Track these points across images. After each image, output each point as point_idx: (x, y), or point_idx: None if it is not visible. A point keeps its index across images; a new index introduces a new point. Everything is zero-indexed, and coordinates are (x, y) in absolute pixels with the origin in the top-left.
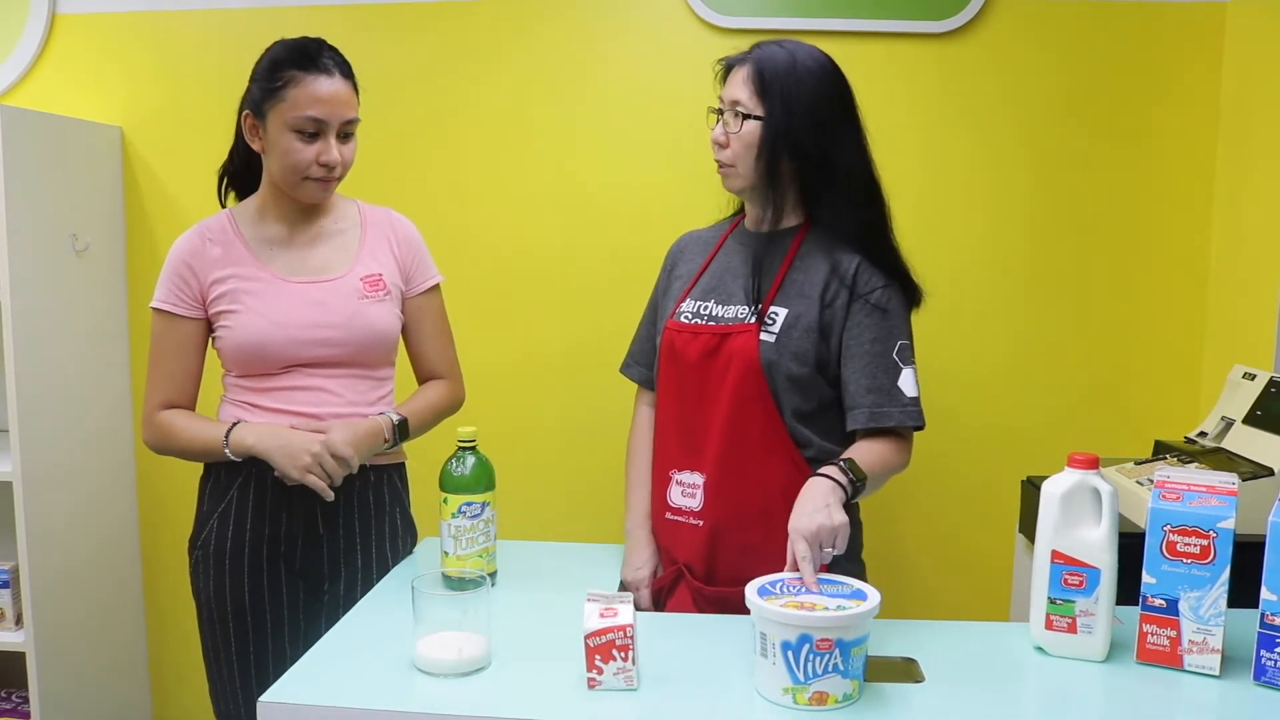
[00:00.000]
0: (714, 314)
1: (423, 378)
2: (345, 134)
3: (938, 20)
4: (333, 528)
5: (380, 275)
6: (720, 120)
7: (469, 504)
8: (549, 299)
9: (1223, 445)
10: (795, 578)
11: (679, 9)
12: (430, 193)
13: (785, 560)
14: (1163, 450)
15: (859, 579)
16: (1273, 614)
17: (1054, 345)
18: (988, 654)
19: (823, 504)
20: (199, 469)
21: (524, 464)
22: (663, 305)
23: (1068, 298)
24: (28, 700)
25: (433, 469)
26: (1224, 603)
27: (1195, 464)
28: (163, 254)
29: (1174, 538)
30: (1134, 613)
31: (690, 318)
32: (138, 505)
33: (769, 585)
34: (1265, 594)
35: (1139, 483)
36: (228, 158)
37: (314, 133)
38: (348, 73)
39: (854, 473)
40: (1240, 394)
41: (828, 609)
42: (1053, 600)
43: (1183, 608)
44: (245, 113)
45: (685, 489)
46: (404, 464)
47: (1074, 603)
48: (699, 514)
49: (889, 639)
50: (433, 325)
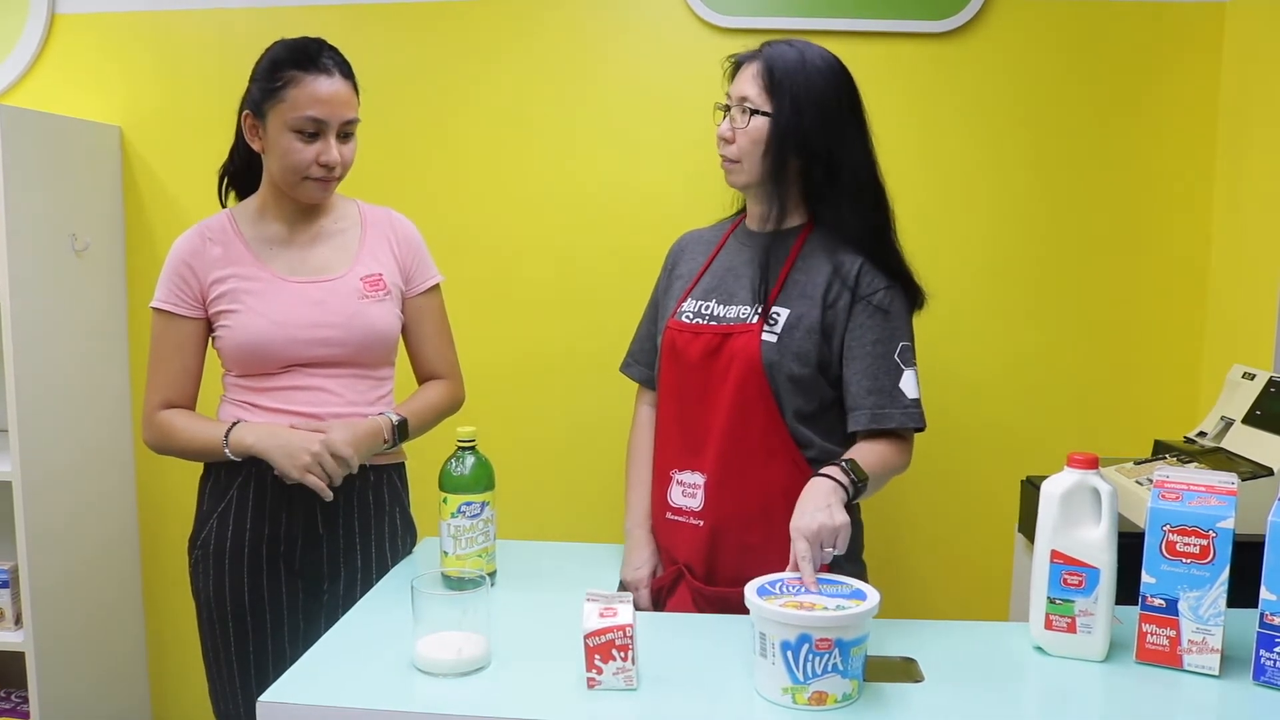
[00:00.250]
0: (716, 314)
1: (422, 378)
2: (345, 134)
3: (937, 20)
4: (332, 528)
5: (380, 275)
6: (727, 116)
7: (468, 504)
8: (549, 299)
9: (1222, 445)
10: (795, 577)
11: (678, 9)
12: (430, 193)
13: (786, 560)
14: (1162, 450)
15: (860, 579)
16: (1272, 614)
17: (1053, 345)
18: (987, 654)
19: (824, 504)
20: (199, 469)
21: (523, 464)
22: (663, 305)
23: (1067, 298)
24: (27, 700)
25: (432, 469)
26: (1223, 602)
27: (1195, 464)
28: (162, 254)
29: (1173, 537)
30: (1133, 612)
31: (692, 317)
32: (137, 505)
33: (768, 585)
34: (1264, 594)
35: (1138, 482)
36: (228, 158)
37: (314, 133)
38: (348, 73)
39: (856, 473)
40: (1239, 394)
41: (827, 609)
42: (1052, 600)
43: (1182, 607)
44: (245, 113)
45: (686, 489)
46: (404, 464)
47: (1073, 602)
48: (699, 514)
49: (889, 639)
50: (432, 325)
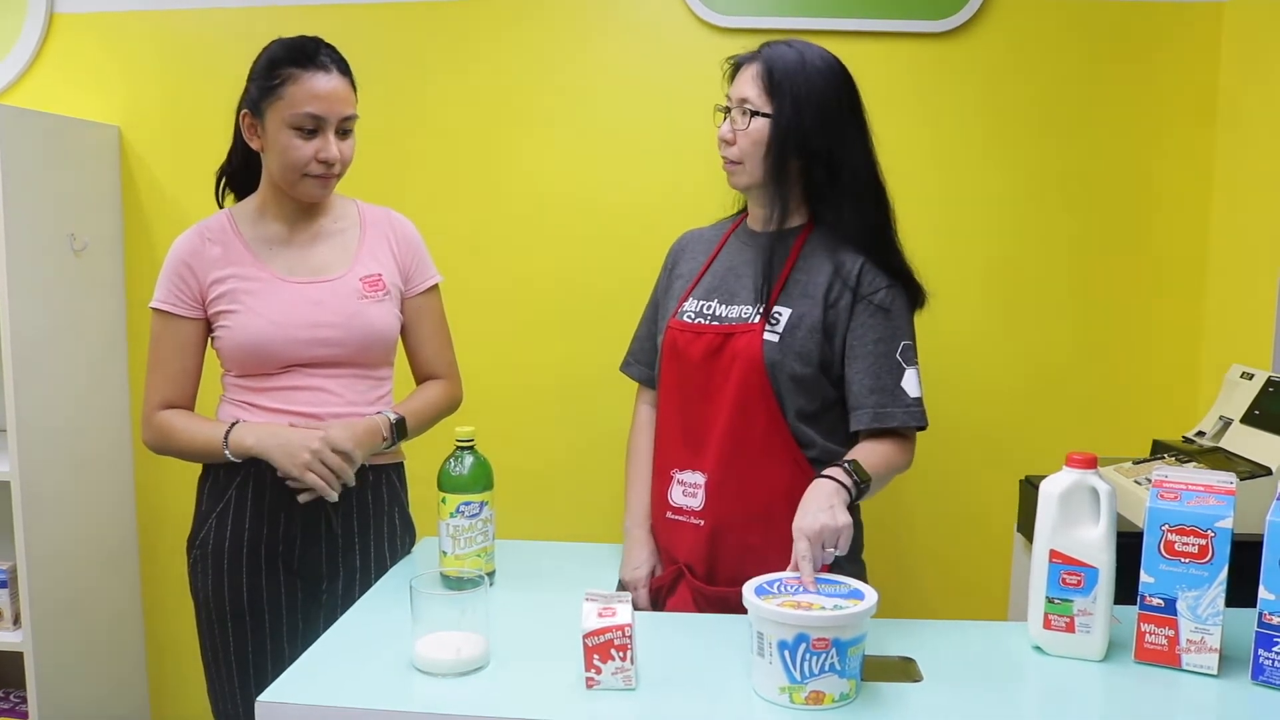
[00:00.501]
0: (717, 313)
1: (421, 378)
2: (344, 131)
3: (936, 20)
4: (331, 527)
5: (380, 275)
6: (728, 118)
7: (467, 503)
8: (547, 299)
9: (1221, 445)
10: (794, 577)
11: (677, 8)
12: (429, 193)
13: (787, 560)
14: (1161, 450)
15: (860, 579)
16: (1270, 613)
17: (1052, 345)
18: (986, 653)
19: (826, 505)
20: (197, 469)
21: (522, 463)
22: (664, 304)
23: (1065, 297)
24: (25, 700)
25: (431, 468)
26: (1222, 602)
27: (1193, 463)
28: (161, 253)
29: (1172, 537)
30: (1132, 612)
31: (693, 317)
32: (136, 505)
33: (766, 585)
34: (1263, 593)
35: (1137, 482)
36: (226, 158)
37: (312, 130)
38: (345, 70)
39: (858, 474)
40: (1238, 393)
41: (824, 609)
42: (1051, 600)
43: (1181, 607)
44: (243, 111)
45: (686, 488)
46: (402, 464)
47: (1072, 602)
48: (700, 513)
49: (887, 638)
50: (431, 325)
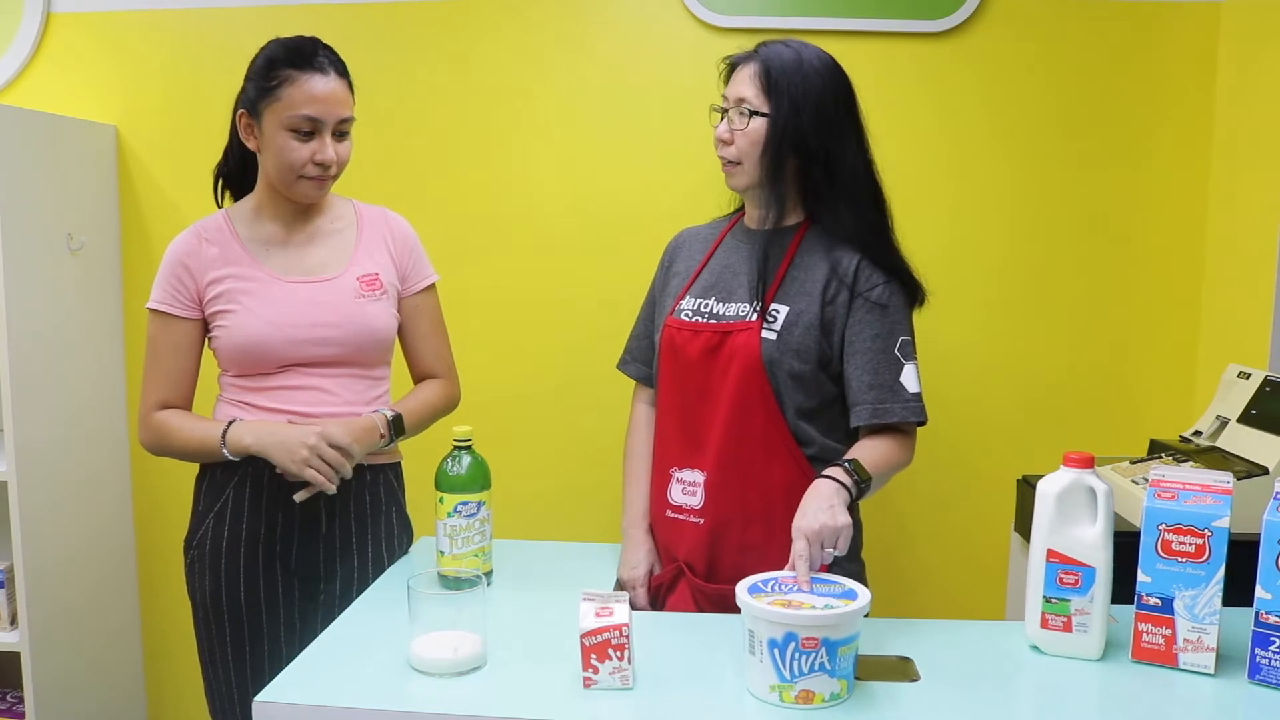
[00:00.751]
0: (715, 311)
1: (418, 377)
2: (340, 133)
3: (933, 20)
4: (329, 527)
5: (377, 274)
6: (725, 118)
7: (465, 503)
8: (545, 298)
9: (1218, 444)
10: (791, 576)
11: (675, 8)
12: (426, 192)
13: (787, 558)
14: (1158, 449)
15: (858, 578)
16: (1267, 612)
17: (1050, 344)
18: (983, 653)
19: (826, 505)
20: (194, 468)
21: (519, 463)
22: (661, 302)
23: (1063, 297)
24: (22, 700)
25: (429, 468)
26: (1219, 601)
27: (1190, 463)
28: (158, 253)
29: (1169, 536)
30: (1129, 611)
31: (691, 315)
32: (133, 504)
33: (761, 583)
34: (1260, 592)
35: (1134, 481)
36: (222, 158)
37: (309, 131)
38: (343, 71)
39: (859, 474)
40: (1235, 393)
41: (815, 608)
42: (1048, 599)
43: (1178, 606)
44: (240, 112)
45: (686, 487)
46: (400, 463)
47: (1069, 601)
48: (699, 512)
49: (884, 638)
50: (429, 324)
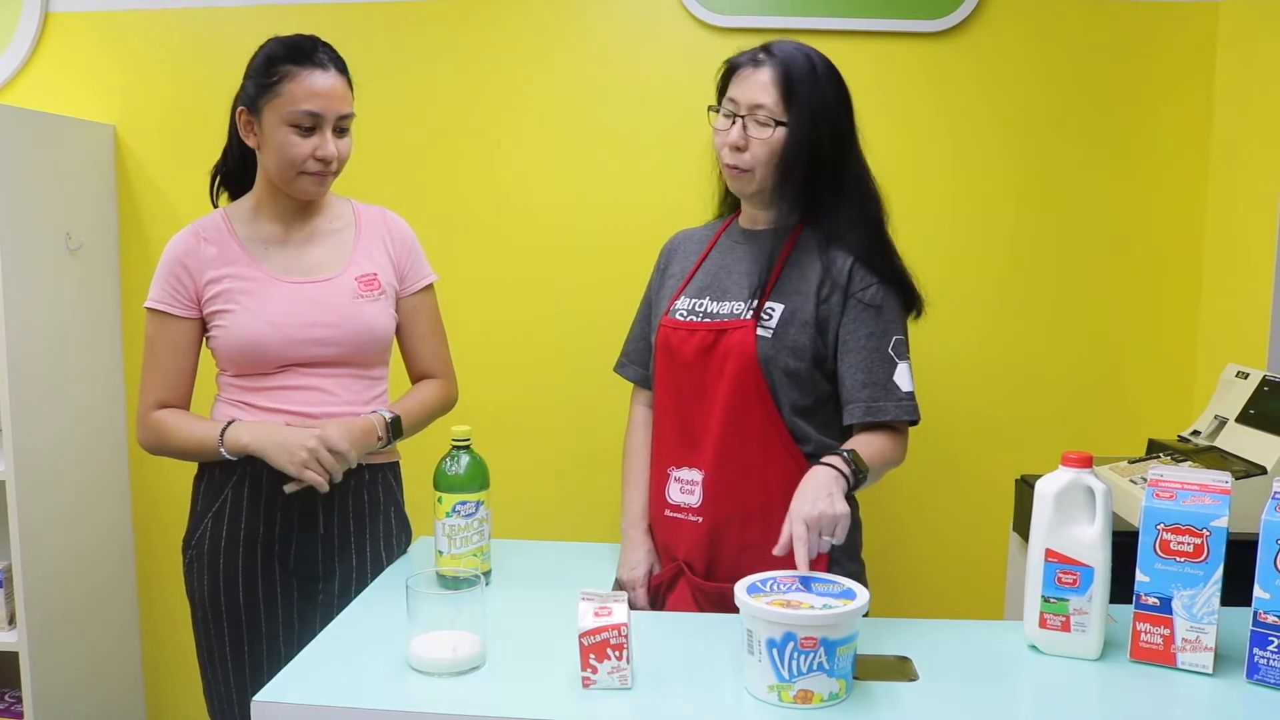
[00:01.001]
0: (710, 311)
1: (416, 377)
2: (341, 129)
3: (931, 20)
4: (327, 527)
5: (375, 274)
6: (736, 121)
7: (463, 503)
8: (543, 298)
9: (1216, 444)
10: (789, 576)
11: (673, 8)
12: (424, 192)
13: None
14: (1156, 449)
15: (858, 578)
16: (1265, 612)
17: (1048, 344)
18: (982, 652)
19: (825, 492)
20: (193, 468)
21: (518, 463)
22: (657, 304)
23: (1062, 296)
24: (21, 700)
25: (427, 468)
26: (1217, 601)
27: (1189, 462)
28: (156, 253)
29: (1167, 536)
30: (1127, 611)
31: (686, 315)
32: (131, 504)
33: (759, 583)
34: (1258, 592)
35: (1133, 481)
36: (221, 157)
37: (310, 127)
38: (343, 68)
39: (857, 464)
40: (1233, 392)
41: (814, 608)
42: (1046, 599)
43: (1176, 606)
44: (240, 109)
45: (684, 486)
46: (398, 463)
47: (1067, 601)
48: (698, 510)
49: (883, 637)
50: (427, 324)
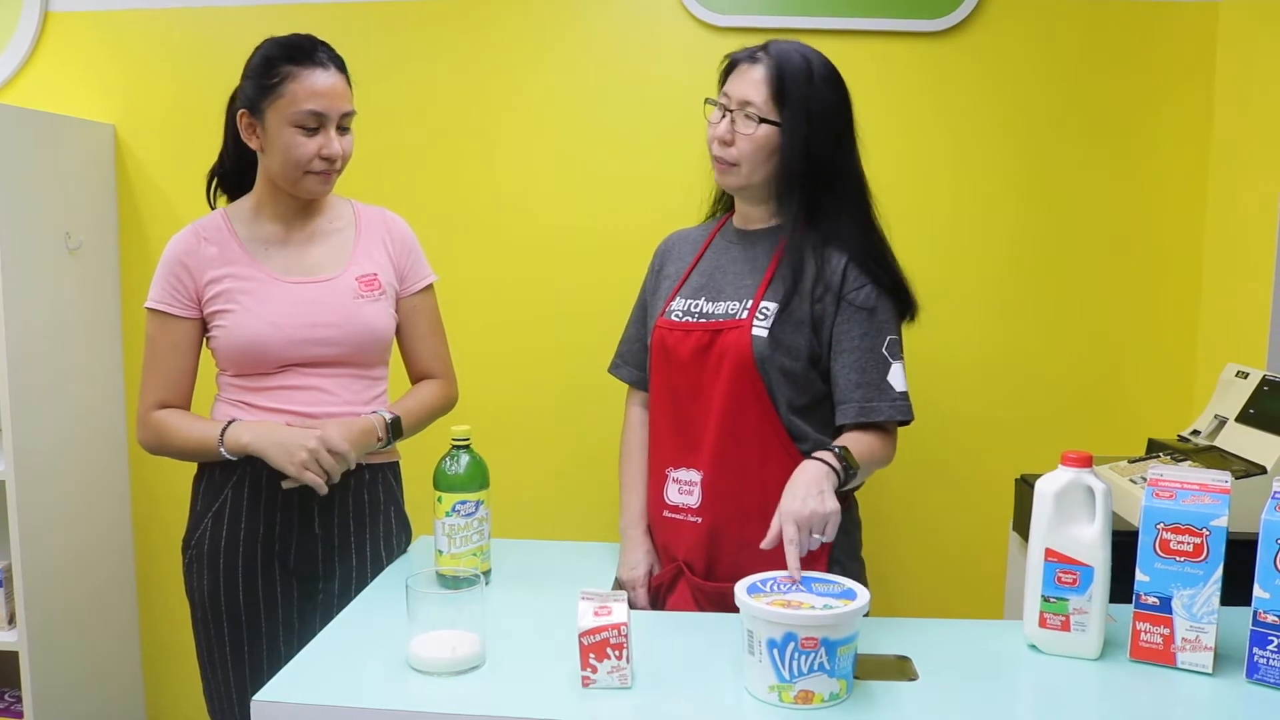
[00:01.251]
0: (705, 311)
1: (416, 377)
2: (343, 127)
3: (931, 19)
4: (327, 526)
5: (375, 275)
6: (726, 115)
7: (463, 502)
8: (542, 298)
9: (1216, 443)
10: (789, 576)
11: (673, 7)
12: (423, 192)
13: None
14: (1156, 448)
15: (858, 578)
16: (1265, 611)
17: (1048, 344)
18: (981, 652)
19: (816, 490)
20: (193, 468)
21: (518, 463)
22: (652, 305)
23: (1061, 296)
24: (20, 700)
25: (427, 467)
26: (1217, 600)
27: (1188, 462)
28: (156, 252)
29: (1167, 536)
30: (1127, 610)
31: (681, 315)
32: (131, 504)
33: (759, 583)
34: (1258, 592)
35: (1132, 481)
36: (217, 160)
37: (314, 127)
38: (342, 66)
39: (848, 460)
40: (1233, 392)
41: (814, 608)
42: (1046, 598)
43: (1176, 605)
44: (241, 112)
45: (682, 486)
46: (398, 463)
47: (1067, 600)
48: (697, 511)
49: (882, 637)
50: (427, 325)
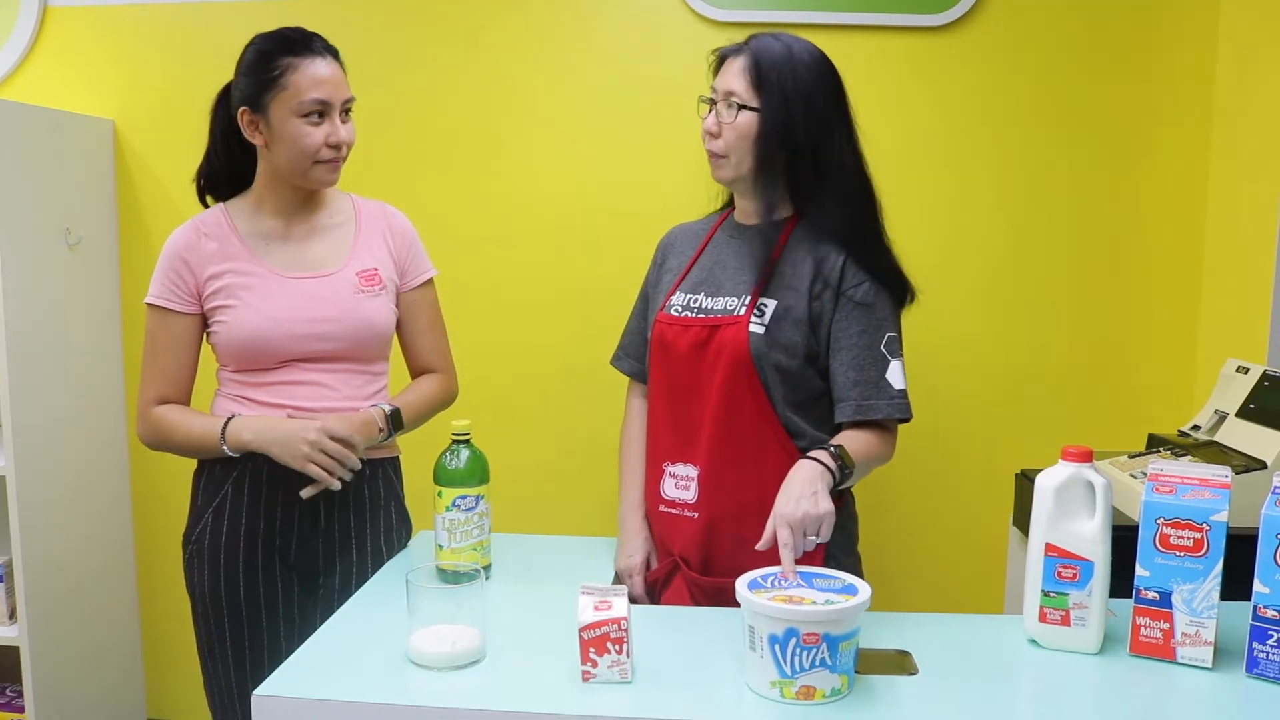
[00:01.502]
0: (704, 306)
1: (416, 372)
2: (345, 113)
3: (931, 14)
4: (328, 521)
5: (376, 270)
6: (713, 110)
7: (463, 497)
8: (542, 292)
9: (1216, 438)
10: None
11: (673, 1)
12: (423, 187)
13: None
14: (1156, 443)
15: (854, 572)
16: (1265, 606)
17: (1048, 338)
18: (982, 647)
19: (809, 490)
20: (193, 463)
21: (518, 457)
22: (653, 298)
23: (1061, 291)
24: (21, 694)
25: (427, 462)
26: (1217, 595)
27: (1189, 457)
28: (156, 247)
29: (1167, 530)
30: (1127, 605)
31: (680, 310)
32: (131, 499)
33: (760, 579)
34: (1258, 586)
35: (1133, 476)
36: (204, 161)
37: (320, 115)
38: (336, 55)
39: (843, 459)
40: (1234, 387)
41: (816, 603)
42: (1046, 593)
43: (1176, 600)
44: (241, 109)
45: (679, 481)
46: (398, 457)
47: (1067, 595)
48: (693, 506)
49: (883, 631)
50: (427, 319)
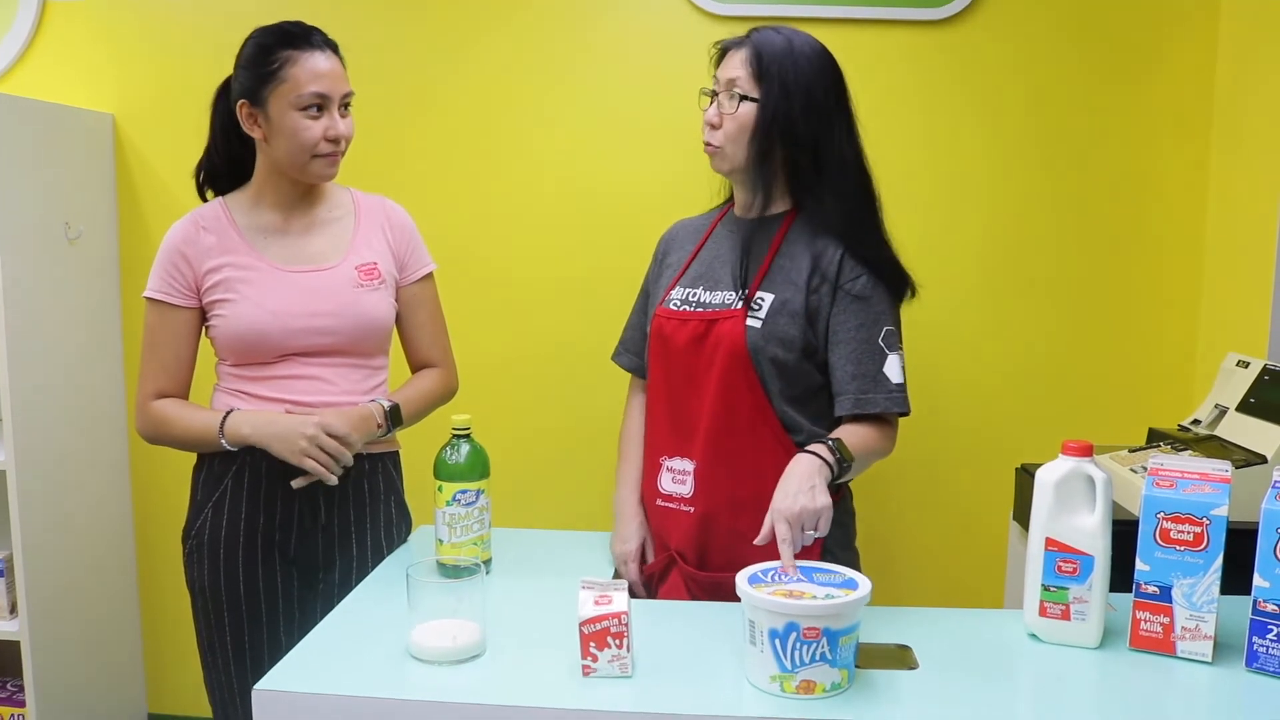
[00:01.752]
0: (702, 300)
1: (416, 366)
2: (344, 107)
3: (930, 8)
4: (328, 516)
5: (375, 264)
6: (714, 101)
7: (463, 492)
8: (542, 287)
9: (1216, 433)
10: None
11: None
12: (423, 181)
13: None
14: (1157, 438)
15: (853, 567)
16: (1265, 600)
17: (1048, 333)
18: (982, 641)
19: (807, 485)
20: (193, 458)
21: (518, 452)
22: (653, 293)
23: (1062, 286)
24: (23, 689)
25: (427, 457)
26: (1216, 589)
27: (1189, 451)
28: (155, 242)
29: (1167, 525)
30: (1127, 600)
31: (679, 304)
32: (131, 494)
33: (760, 573)
34: (1258, 581)
35: (1133, 470)
36: (205, 155)
37: (318, 110)
38: (336, 48)
39: (842, 453)
40: (1234, 382)
41: (816, 598)
42: (1046, 587)
43: (1176, 595)
44: (240, 102)
45: (676, 475)
46: (398, 452)
47: (1067, 589)
48: (690, 500)
49: (883, 626)
50: (426, 313)
